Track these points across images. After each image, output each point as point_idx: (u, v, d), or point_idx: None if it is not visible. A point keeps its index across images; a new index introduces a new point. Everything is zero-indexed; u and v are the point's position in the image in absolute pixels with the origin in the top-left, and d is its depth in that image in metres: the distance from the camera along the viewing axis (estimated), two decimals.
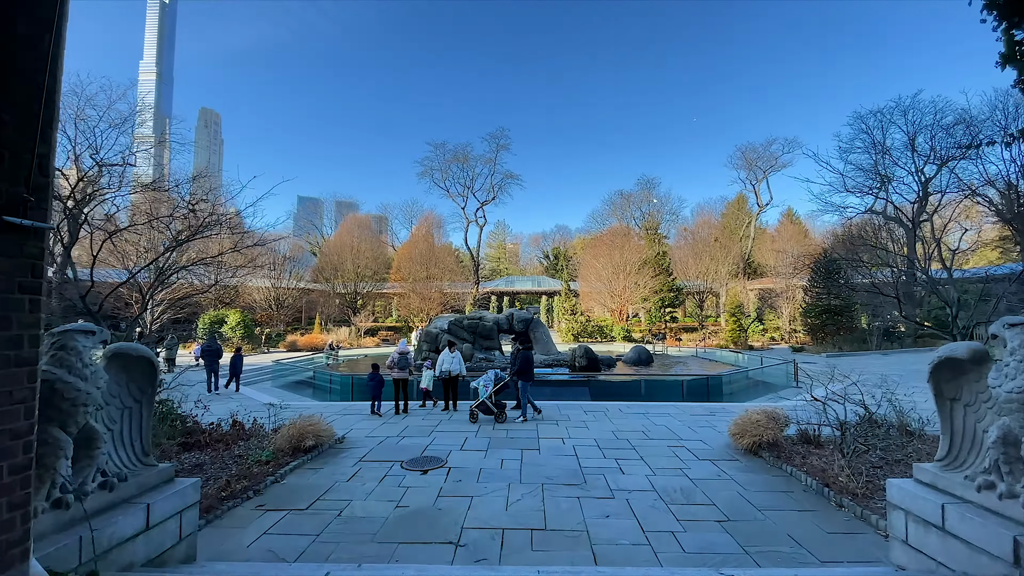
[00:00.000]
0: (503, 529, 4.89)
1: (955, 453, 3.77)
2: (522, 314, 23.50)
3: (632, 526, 4.96)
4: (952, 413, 3.81)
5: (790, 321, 36.23)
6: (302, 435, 7.43)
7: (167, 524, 4.11)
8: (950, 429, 3.81)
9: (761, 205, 63.47)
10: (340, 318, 45.29)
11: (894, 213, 33.61)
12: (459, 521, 5.08)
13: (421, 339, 21.84)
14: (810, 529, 4.87)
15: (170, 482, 4.37)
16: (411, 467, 6.89)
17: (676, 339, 36.61)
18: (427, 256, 47.50)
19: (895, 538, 3.95)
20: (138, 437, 4.35)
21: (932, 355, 3.87)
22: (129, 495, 4.04)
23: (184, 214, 13.91)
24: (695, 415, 10.55)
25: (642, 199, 70.71)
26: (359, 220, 60.39)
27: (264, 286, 39.19)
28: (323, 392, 16.40)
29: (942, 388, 3.83)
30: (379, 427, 9.52)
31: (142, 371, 4.35)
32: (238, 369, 15.62)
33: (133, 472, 4.18)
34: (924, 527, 3.65)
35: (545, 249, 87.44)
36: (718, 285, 48.61)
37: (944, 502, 3.53)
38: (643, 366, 21.08)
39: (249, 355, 27.17)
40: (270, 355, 26.91)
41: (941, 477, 3.74)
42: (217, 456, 7.09)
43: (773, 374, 17.94)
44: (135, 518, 3.87)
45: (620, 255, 42.41)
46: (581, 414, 10.63)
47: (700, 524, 5.01)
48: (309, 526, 5.02)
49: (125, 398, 4.29)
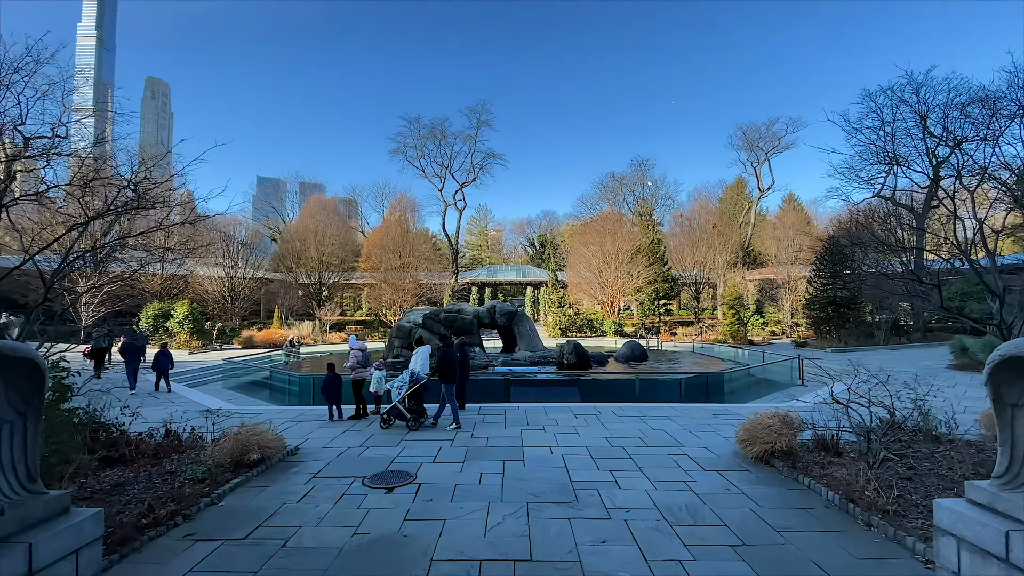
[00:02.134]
0: (480, 561, 4.48)
1: (1017, 469, 3.44)
2: (505, 307, 23.26)
3: (633, 554, 4.59)
4: (1014, 421, 3.47)
5: (792, 314, 36.61)
6: (246, 447, 6.94)
7: (57, 567, 3.54)
8: (1011, 440, 3.48)
9: (762, 189, 64.17)
10: (303, 311, 44.31)
11: (904, 198, 34.05)
12: (428, 551, 4.66)
13: (392, 334, 21.46)
14: (837, 554, 4.56)
15: (64, 514, 3.79)
16: (374, 484, 6.50)
17: (671, 333, 36.79)
18: (400, 243, 46.71)
19: (944, 568, 3.63)
20: (21, 459, 3.75)
21: (993, 354, 3.51)
22: (6, 533, 3.45)
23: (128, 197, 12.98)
24: (696, 418, 10.37)
25: (635, 182, 70.82)
26: (325, 203, 59.12)
27: (217, 275, 38.01)
28: (280, 394, 15.90)
29: (1002, 392, 3.49)
30: (340, 436, 9.12)
31: (26, 376, 3.74)
32: (163, 368, 15.13)
33: (13, 503, 3.59)
34: (982, 558, 3.31)
35: (530, 236, 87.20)
36: (716, 275, 49.02)
37: (1008, 528, 3.19)
38: (637, 363, 21.03)
39: (199, 353, 26.26)
40: (223, 352, 26.17)
41: (1001, 498, 3.40)
42: (143, 473, 6.53)
43: (777, 371, 18.03)
44: (12, 561, 3.30)
45: (612, 243, 42.34)
46: (571, 418, 10.41)
47: (712, 550, 4.67)
48: (246, 560, 4.52)
49: (3, 410, 3.69)
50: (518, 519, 5.38)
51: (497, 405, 11.96)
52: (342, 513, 5.58)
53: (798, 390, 15.63)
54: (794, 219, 51.99)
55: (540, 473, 6.89)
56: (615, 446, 8.23)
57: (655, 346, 29.94)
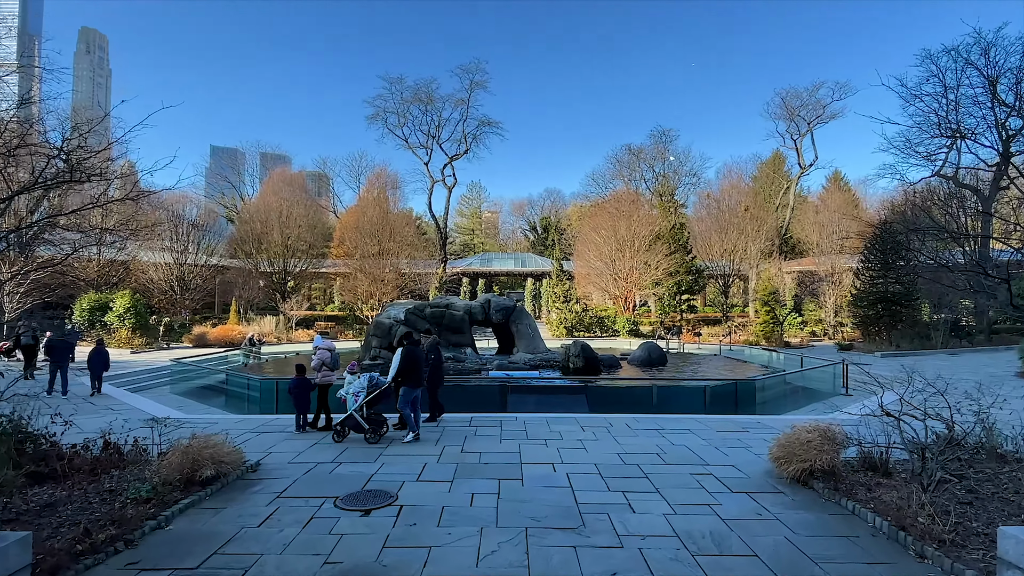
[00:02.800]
0: None
1: None
2: (501, 301, 23.28)
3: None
4: None
5: (835, 312, 36.77)
6: (198, 462, 6.98)
7: None
8: None
9: (803, 166, 64.34)
10: (265, 304, 44.39)
11: (968, 177, 34.08)
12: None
13: (370, 332, 21.52)
14: None
15: None
16: (348, 505, 6.54)
17: (695, 334, 37.01)
18: (379, 225, 46.62)
19: None
20: None
21: None
22: None
23: (58, 168, 12.87)
24: (723, 432, 10.47)
25: (655, 156, 70.76)
26: (290, 177, 58.75)
27: (163, 262, 37.97)
28: (239, 401, 15.98)
29: None
30: (308, 449, 9.17)
31: None
32: (97, 369, 15.18)
33: None
34: None
35: (531, 219, 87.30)
36: (747, 266, 49.23)
37: None
38: (655, 368, 21.15)
39: (143, 352, 26.26)
40: (171, 351, 26.20)
41: None
42: (79, 491, 6.56)
43: (817, 378, 18.15)
44: None
45: (627, 227, 42.40)
46: (577, 430, 10.51)
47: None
48: None
49: None
50: (515, 547, 5.41)
51: (491, 415, 12.02)
52: (311, 539, 5.60)
53: (842, 400, 15.72)
54: (840, 201, 51.98)
55: (541, 494, 6.93)
56: (629, 464, 8.31)
57: (676, 348, 30.09)
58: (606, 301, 43.86)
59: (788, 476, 7.33)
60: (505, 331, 23.43)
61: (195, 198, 56.32)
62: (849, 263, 38.91)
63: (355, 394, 9.79)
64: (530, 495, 6.90)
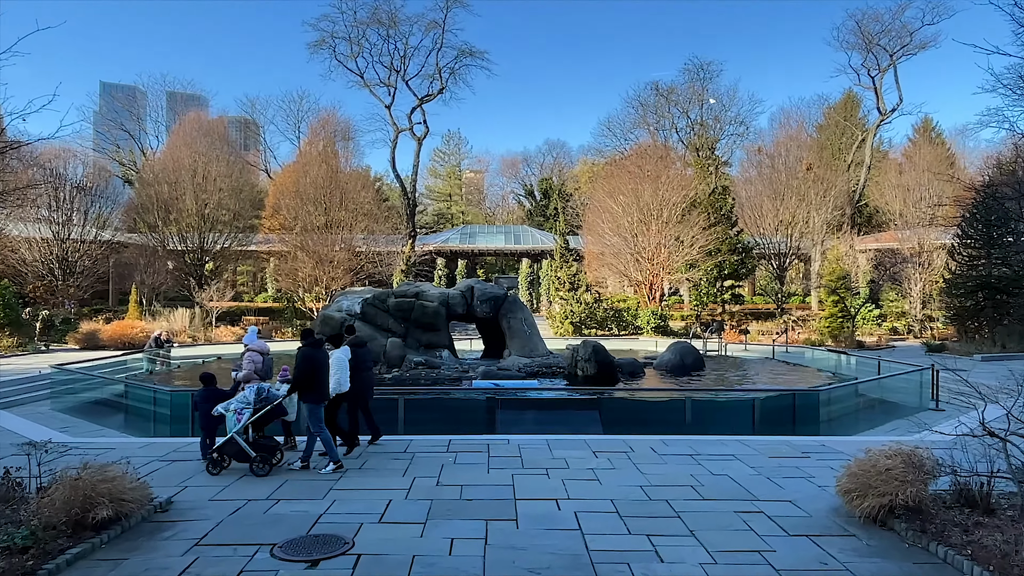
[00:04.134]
0: None
1: None
2: (488, 289, 23.27)
3: None
4: None
5: (923, 302, 37.03)
6: (90, 499, 6.88)
7: None
8: None
9: (884, 111, 64.41)
10: (175, 293, 43.95)
11: None
12: None
13: (316, 328, 21.22)
14: None
15: None
16: (290, 555, 6.49)
17: (740, 331, 36.96)
18: (326, 188, 46.33)
19: None
20: None
21: None
22: None
23: None
24: (778, 457, 10.56)
25: (690, 98, 70.56)
26: (207, 125, 57.70)
27: (40, 236, 37.44)
28: (143, 420, 15.89)
29: None
30: (235, 483, 9.12)
31: None
32: None
33: None
34: None
35: (528, 181, 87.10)
36: (810, 243, 49.36)
37: None
38: (689, 375, 21.14)
39: (14, 356, 26.09)
40: (52, 355, 25.96)
41: None
42: None
43: (899, 388, 18.22)
44: None
45: (653, 191, 42.24)
46: (588, 456, 10.54)
47: None
48: None
49: None
50: None
51: (476, 438, 12.03)
52: None
53: (931, 416, 15.81)
54: (931, 157, 52.44)
55: (542, 539, 6.90)
56: (655, 499, 8.31)
57: (716, 350, 30.08)
58: (625, 289, 43.99)
59: (861, 514, 7.32)
60: (493, 328, 23.40)
61: (81, 152, 54.86)
62: (942, 239, 39.08)
63: (237, 411, 9.69)
64: (527, 540, 6.86)
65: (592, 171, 69.69)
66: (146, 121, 78.80)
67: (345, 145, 59.67)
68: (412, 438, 11.76)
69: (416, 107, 62.16)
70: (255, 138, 79.53)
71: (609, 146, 73.41)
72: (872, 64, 63.80)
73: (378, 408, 11.81)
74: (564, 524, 7.40)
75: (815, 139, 66.04)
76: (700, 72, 70.73)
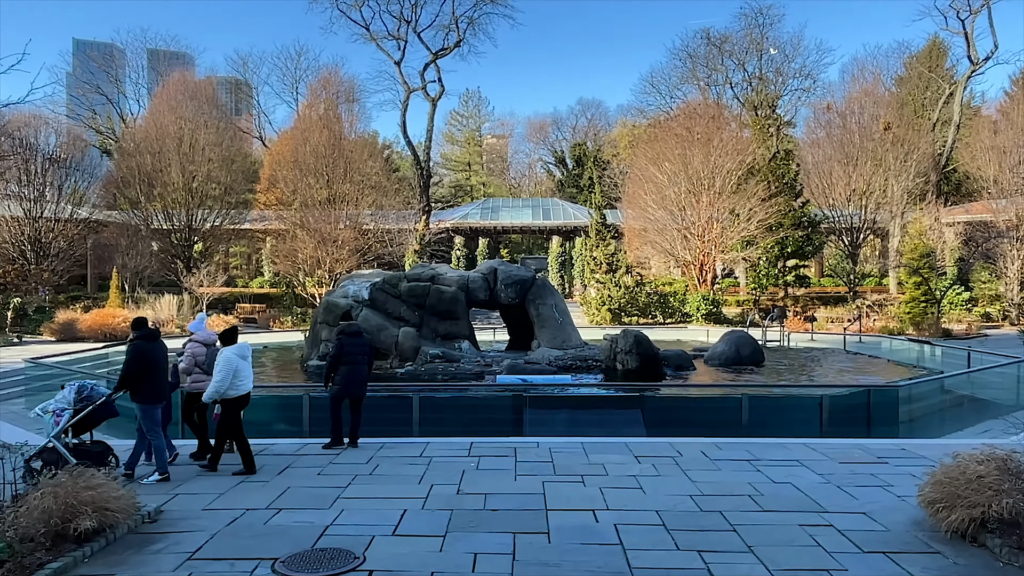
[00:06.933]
0: None
1: None
2: (514, 272, 23.45)
3: None
4: None
5: (1021, 284, 35.93)
6: (72, 508, 6.88)
7: None
8: None
9: (975, 60, 61.77)
10: (161, 278, 44.25)
11: None
12: None
13: (318, 318, 21.80)
14: None
15: None
16: (293, 571, 6.46)
17: (806, 318, 36.61)
18: (329, 158, 46.91)
19: None
20: None
21: None
22: None
23: None
24: (849, 463, 10.48)
25: (747, 48, 69.07)
26: (194, 87, 57.08)
27: (9, 215, 37.84)
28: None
29: None
30: (232, 490, 9.20)
31: None
32: None
33: None
34: None
35: (558, 147, 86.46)
36: (888, 215, 47.88)
37: None
38: (746, 369, 21.28)
39: None
40: (25, 348, 26.66)
41: None
42: None
43: (992, 383, 18.18)
44: None
45: (704, 157, 41.62)
46: (630, 462, 10.57)
47: None
48: None
49: None
50: None
51: (501, 440, 12.16)
52: None
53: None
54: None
55: (577, 555, 6.88)
56: (707, 510, 8.28)
57: (777, 340, 30.17)
58: (671, 270, 43.50)
59: (948, 528, 7.13)
60: (520, 316, 23.41)
61: (53, 119, 53.63)
62: None
63: (56, 412, 9.29)
64: (560, 556, 6.85)
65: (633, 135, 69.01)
66: (125, 83, 79.59)
67: (349, 108, 58.73)
68: (429, 440, 11.81)
69: (429, 63, 61.62)
70: (248, 101, 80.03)
71: (652, 105, 72.56)
72: (962, 5, 60.68)
73: (390, 407, 11.93)
74: (602, 538, 7.40)
75: (894, 94, 63.90)
76: (759, 17, 68.70)
